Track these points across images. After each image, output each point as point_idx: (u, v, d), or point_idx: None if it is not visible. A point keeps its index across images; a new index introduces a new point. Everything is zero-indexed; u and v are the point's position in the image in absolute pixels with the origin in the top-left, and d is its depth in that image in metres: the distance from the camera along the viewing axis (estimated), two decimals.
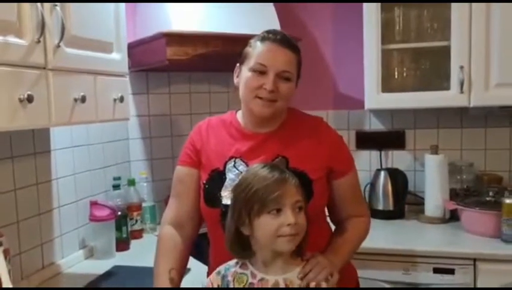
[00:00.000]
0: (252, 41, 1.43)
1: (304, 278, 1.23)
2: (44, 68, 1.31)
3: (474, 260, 1.96)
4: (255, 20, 2.14)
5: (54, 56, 1.33)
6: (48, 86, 1.32)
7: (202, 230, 1.52)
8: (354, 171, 1.51)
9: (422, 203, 2.42)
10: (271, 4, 2.40)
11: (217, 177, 1.42)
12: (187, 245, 1.48)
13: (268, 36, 1.40)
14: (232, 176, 1.40)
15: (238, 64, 1.46)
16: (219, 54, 2.08)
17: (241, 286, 1.24)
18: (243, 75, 1.42)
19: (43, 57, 1.30)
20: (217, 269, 1.30)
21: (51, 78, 1.33)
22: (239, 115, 1.50)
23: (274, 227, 1.18)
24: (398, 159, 2.64)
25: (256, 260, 1.26)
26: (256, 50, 1.39)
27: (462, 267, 1.96)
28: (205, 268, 1.57)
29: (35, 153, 1.78)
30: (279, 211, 1.18)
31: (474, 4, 2.15)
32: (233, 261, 1.29)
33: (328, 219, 1.56)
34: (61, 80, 1.37)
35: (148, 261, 1.52)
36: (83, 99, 1.45)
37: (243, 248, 1.25)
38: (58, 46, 1.34)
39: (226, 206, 1.35)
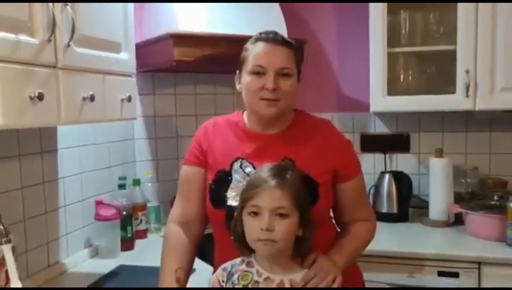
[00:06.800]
0: (246, 45, 1.43)
1: (307, 284, 1.23)
2: (54, 67, 1.31)
3: (479, 263, 1.96)
4: (261, 22, 2.12)
5: (64, 55, 1.34)
6: (57, 84, 1.32)
7: (207, 231, 1.52)
8: (360, 176, 1.50)
9: (427, 207, 2.42)
10: (277, 5, 2.40)
11: (223, 178, 1.42)
12: (194, 244, 1.48)
13: (261, 36, 1.41)
14: (238, 177, 1.39)
15: (237, 71, 1.46)
16: (224, 55, 2.07)
17: (246, 283, 1.24)
18: (244, 80, 1.41)
19: (53, 56, 1.30)
20: (223, 265, 1.31)
21: (60, 77, 1.33)
22: (245, 116, 1.49)
23: (252, 229, 1.19)
24: (403, 162, 2.64)
25: (260, 257, 1.25)
26: (252, 53, 1.39)
27: (467, 270, 1.96)
28: (210, 269, 1.56)
29: (41, 152, 1.78)
30: (256, 214, 1.19)
31: (480, 8, 2.16)
32: (239, 259, 1.29)
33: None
34: (71, 79, 1.38)
35: (152, 261, 1.52)
36: (92, 98, 1.45)
37: (245, 244, 1.25)
38: (68, 45, 1.35)
39: (231, 207, 1.36)
